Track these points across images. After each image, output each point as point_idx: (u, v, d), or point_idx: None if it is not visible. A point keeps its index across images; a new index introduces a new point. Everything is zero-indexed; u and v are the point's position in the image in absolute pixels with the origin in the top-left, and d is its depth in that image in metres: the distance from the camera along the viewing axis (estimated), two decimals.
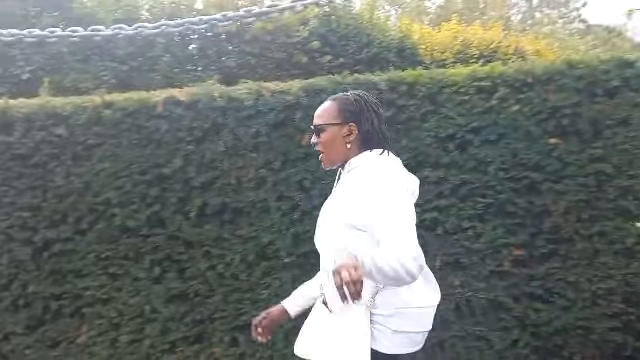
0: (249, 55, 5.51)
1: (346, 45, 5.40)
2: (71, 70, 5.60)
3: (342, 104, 1.59)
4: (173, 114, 2.88)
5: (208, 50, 5.70)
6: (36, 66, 5.39)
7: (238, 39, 5.63)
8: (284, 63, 5.40)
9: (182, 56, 5.72)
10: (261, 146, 2.85)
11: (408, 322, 1.49)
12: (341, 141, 1.56)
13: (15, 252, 2.86)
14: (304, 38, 5.34)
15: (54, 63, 5.48)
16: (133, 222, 2.88)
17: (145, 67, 5.60)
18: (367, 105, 1.58)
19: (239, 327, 2.90)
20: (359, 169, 1.54)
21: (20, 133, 2.85)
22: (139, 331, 2.88)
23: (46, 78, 5.18)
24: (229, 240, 2.89)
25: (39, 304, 2.87)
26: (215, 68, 5.71)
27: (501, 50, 5.72)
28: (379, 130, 1.57)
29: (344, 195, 1.54)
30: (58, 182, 2.86)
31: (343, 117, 1.57)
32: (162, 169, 2.88)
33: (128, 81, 5.97)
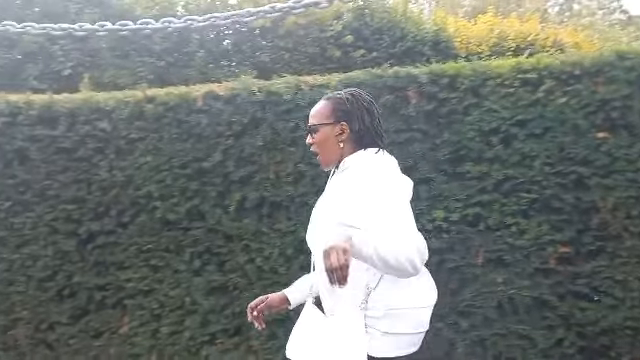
0: (283, 50, 5.53)
1: (380, 39, 5.36)
2: (110, 66, 5.71)
3: (334, 104, 1.60)
4: (213, 108, 2.90)
5: (242, 45, 5.74)
6: (76, 62, 5.51)
7: (272, 34, 5.64)
8: (317, 58, 5.40)
9: (217, 52, 5.78)
10: (300, 140, 2.84)
11: (399, 323, 1.47)
12: (334, 140, 1.56)
13: (60, 244, 2.92)
14: (337, 32, 5.32)
15: (93, 60, 5.60)
16: (174, 215, 2.92)
17: (181, 63, 5.68)
18: (359, 103, 1.58)
19: (277, 321, 2.89)
20: (353, 168, 1.54)
21: (65, 127, 2.91)
22: (179, 323, 2.92)
23: (86, 74, 5.31)
24: (267, 234, 2.89)
25: (83, 295, 2.94)
26: (249, 63, 5.75)
27: (539, 42, 5.59)
28: (371, 128, 1.56)
29: (338, 194, 1.54)
30: (102, 175, 2.91)
31: (335, 116, 1.57)
32: (202, 163, 2.90)
33: (165, 77, 6.06)
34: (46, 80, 5.40)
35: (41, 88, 5.33)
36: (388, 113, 2.78)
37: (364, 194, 1.44)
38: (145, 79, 5.89)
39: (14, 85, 5.35)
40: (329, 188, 1.61)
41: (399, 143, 2.78)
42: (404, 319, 1.47)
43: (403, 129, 2.78)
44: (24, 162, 2.90)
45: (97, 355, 2.92)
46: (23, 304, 2.91)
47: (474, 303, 2.71)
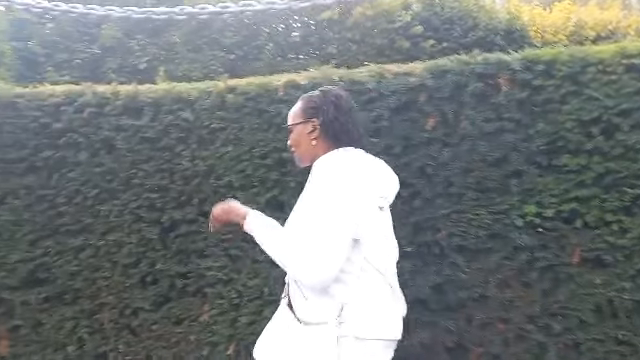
0: (350, 42, 5.47)
1: (450, 29, 5.18)
2: (183, 60, 5.83)
3: (306, 102, 1.63)
4: (293, 98, 2.84)
5: (310, 38, 5.72)
6: (152, 56, 5.66)
7: (339, 26, 5.59)
8: (385, 49, 5.29)
9: (285, 45, 5.79)
10: (382, 130, 2.76)
11: (370, 329, 1.46)
12: (307, 138, 1.59)
13: (144, 231, 2.98)
14: (406, 23, 5.19)
15: (168, 53, 5.74)
16: (253, 205, 2.87)
17: (250, 56, 5.72)
18: (326, 99, 1.58)
19: None
20: (317, 169, 1.55)
21: (149, 117, 2.96)
22: (258, 313, 2.91)
23: (161, 67, 5.44)
24: None
25: (166, 282, 2.99)
26: (317, 55, 5.73)
27: (620, 31, 5.24)
28: (337, 123, 1.55)
29: (304, 195, 1.57)
30: (184, 165, 2.94)
31: (305, 114, 1.60)
32: (282, 153, 2.87)
33: (235, 70, 6.14)
34: (124, 73, 5.59)
35: (119, 81, 5.54)
36: (476, 101, 2.66)
37: (315, 197, 1.48)
38: (216, 72, 6.00)
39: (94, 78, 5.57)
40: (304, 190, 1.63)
41: (487, 133, 2.65)
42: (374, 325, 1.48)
43: (492, 118, 2.64)
44: (110, 151, 2.98)
45: (178, 341, 2.96)
46: (108, 289, 2.99)
47: (568, 305, 2.55)
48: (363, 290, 1.47)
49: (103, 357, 3.02)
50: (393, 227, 1.69)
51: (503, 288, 2.69)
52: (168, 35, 5.77)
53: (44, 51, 5.44)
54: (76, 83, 3.25)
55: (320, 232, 1.41)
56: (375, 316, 1.48)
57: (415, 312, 2.77)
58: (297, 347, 1.48)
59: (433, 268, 2.76)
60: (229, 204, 1.71)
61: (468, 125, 2.66)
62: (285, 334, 1.55)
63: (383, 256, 1.54)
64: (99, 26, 5.56)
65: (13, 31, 5.48)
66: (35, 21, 5.52)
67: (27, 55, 5.43)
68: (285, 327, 1.57)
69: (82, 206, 2.97)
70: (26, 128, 2.95)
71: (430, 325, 2.79)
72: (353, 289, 1.45)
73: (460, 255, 2.71)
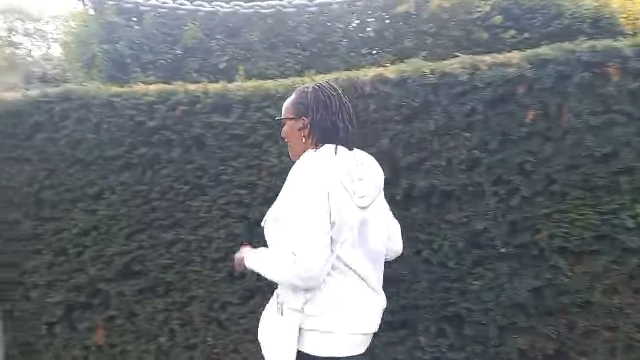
0: (426, 35, 5.32)
1: (532, 18, 4.90)
2: (259, 58, 5.91)
3: (297, 97, 1.64)
4: (381, 92, 2.79)
5: (385, 32, 5.62)
6: (230, 56, 5.78)
7: (415, 19, 5.45)
8: (463, 41, 5.10)
9: (359, 40, 5.72)
10: (476, 124, 2.63)
11: (338, 323, 1.51)
12: (298, 134, 1.62)
13: (231, 227, 3.02)
14: (485, 13, 4.97)
15: (245, 53, 5.84)
16: None
17: (325, 52, 5.70)
18: (317, 97, 1.58)
19: (447, 318, 2.74)
20: (295, 165, 1.60)
21: (237, 114, 2.98)
22: None
23: (240, 66, 5.53)
24: (437, 225, 2.73)
25: (252, 277, 3.01)
26: (391, 50, 5.62)
27: None
28: (323, 122, 1.56)
29: (280, 192, 1.62)
30: (271, 161, 2.95)
31: (296, 111, 1.62)
32: (369, 149, 2.79)
33: (309, 67, 6.14)
34: (204, 73, 5.74)
35: (200, 80, 5.69)
36: (582, 93, 2.47)
37: (287, 194, 1.54)
38: (291, 70, 6.04)
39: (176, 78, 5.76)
40: None
41: (594, 127, 2.46)
42: (342, 319, 1.52)
43: (600, 111, 2.45)
44: (201, 148, 3.03)
45: None
46: (198, 283, 3.06)
47: None
48: (332, 286, 1.51)
49: (193, 349, 3.09)
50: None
51: (610, 294, 2.49)
52: (246, 34, 5.86)
53: (131, 52, 5.68)
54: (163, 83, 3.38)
55: (298, 233, 1.45)
56: (340, 310, 1.52)
57: (511, 316, 2.64)
58: (271, 331, 1.62)
59: (531, 271, 2.61)
60: (236, 256, 1.82)
61: (572, 118, 2.48)
62: (268, 318, 1.70)
63: (359, 254, 1.55)
64: (181, 27, 5.73)
65: (103, 34, 5.75)
66: (123, 24, 5.77)
67: (116, 57, 5.69)
68: (269, 313, 1.71)
69: (174, 201, 3.05)
70: (122, 126, 3.07)
71: (528, 330, 2.64)
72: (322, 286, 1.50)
73: (562, 258, 2.54)
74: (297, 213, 1.45)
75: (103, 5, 5.79)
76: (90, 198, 3.13)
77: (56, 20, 9.25)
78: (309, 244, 1.42)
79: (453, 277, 2.72)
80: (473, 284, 2.67)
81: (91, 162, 3.11)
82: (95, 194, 3.12)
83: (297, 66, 6.11)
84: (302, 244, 1.42)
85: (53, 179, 3.17)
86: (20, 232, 3.24)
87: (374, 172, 1.65)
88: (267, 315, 1.72)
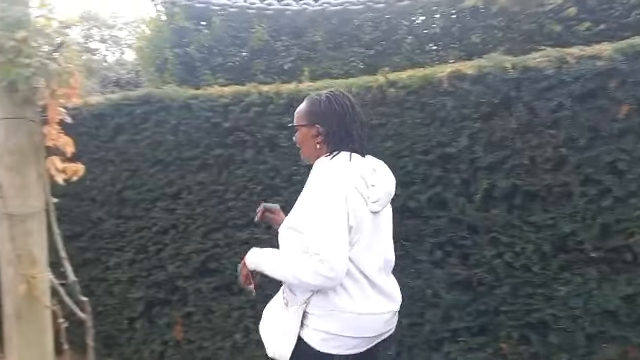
0: (495, 29, 5.14)
1: (609, 8, 4.62)
2: (324, 58, 5.93)
3: (310, 105, 1.65)
4: (459, 89, 2.70)
5: (451, 28, 5.48)
6: (295, 56, 5.83)
7: (484, 13, 5.28)
8: (534, 34, 4.89)
9: (424, 37, 5.61)
10: (562, 121, 2.49)
11: (340, 325, 1.52)
12: (311, 141, 1.64)
13: None
14: (558, 5, 4.73)
15: (309, 53, 5.87)
16: (414, 203, 2.80)
17: (389, 50, 5.64)
18: (331, 106, 1.60)
19: (530, 324, 2.61)
20: (313, 174, 1.60)
21: None
22: (419, 315, 2.81)
23: (305, 67, 5.56)
24: (519, 227, 2.61)
25: None
26: (458, 46, 5.47)
27: None
28: (338, 132, 1.58)
29: (301, 195, 1.62)
30: None
31: (309, 119, 1.63)
32: (446, 148, 2.73)
33: (374, 65, 6.09)
34: (270, 74, 5.82)
35: (266, 82, 5.78)
36: None
37: (305, 201, 1.55)
38: (355, 68, 6.01)
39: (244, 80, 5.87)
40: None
41: None
42: (345, 322, 1.52)
43: None
44: (274, 149, 3.06)
45: None
46: (271, 281, 3.08)
47: None
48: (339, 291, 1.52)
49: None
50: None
51: None
52: (311, 35, 5.89)
53: (201, 56, 5.84)
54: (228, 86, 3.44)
55: (322, 234, 1.44)
56: (346, 314, 1.53)
57: (601, 324, 2.48)
58: (274, 322, 1.66)
59: (624, 276, 2.44)
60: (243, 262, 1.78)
61: None
62: (273, 312, 1.71)
63: (369, 257, 1.57)
64: (248, 30, 5.84)
65: (175, 39, 5.95)
66: (193, 28, 5.95)
67: (186, 60, 5.87)
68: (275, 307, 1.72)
69: (248, 201, 3.09)
70: (199, 128, 3.15)
71: (619, 340, 2.47)
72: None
73: None
74: (319, 216, 1.46)
75: (173, 10, 5.98)
76: (169, 197, 3.23)
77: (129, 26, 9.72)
78: (334, 244, 1.43)
79: (537, 282, 2.59)
80: (559, 290, 2.53)
81: (170, 163, 3.21)
82: (174, 194, 3.22)
83: (361, 65, 6.09)
84: (327, 244, 1.42)
85: (135, 179, 3.30)
86: (103, 230, 3.40)
87: (386, 179, 1.67)
88: (271, 310, 1.75)
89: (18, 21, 1.87)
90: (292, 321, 1.57)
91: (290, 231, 1.59)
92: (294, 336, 1.56)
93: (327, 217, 1.45)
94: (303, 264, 1.45)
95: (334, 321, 1.53)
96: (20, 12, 1.90)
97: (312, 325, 1.55)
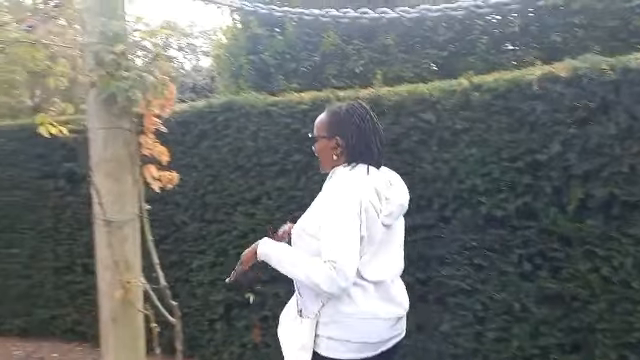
0: (576, 27, 4.88)
1: None
2: (395, 61, 5.85)
3: (330, 117, 1.68)
4: (551, 93, 2.55)
5: (530, 27, 5.25)
6: (367, 60, 5.79)
7: (564, 11, 5.02)
8: (619, 32, 4.60)
9: (501, 36, 5.41)
10: None
11: (343, 330, 1.56)
12: (329, 152, 1.66)
13: None
14: None
15: (380, 56, 5.81)
16: (501, 212, 2.68)
17: (464, 51, 5.48)
18: (351, 119, 1.62)
19: (630, 344, 2.43)
20: (328, 181, 1.64)
21: (390, 120, 2.94)
22: (506, 329, 2.69)
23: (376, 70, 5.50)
24: (618, 239, 2.43)
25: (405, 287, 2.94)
26: (536, 45, 5.24)
27: None
28: (358, 144, 1.61)
29: (315, 202, 1.65)
30: (425, 168, 2.85)
31: (329, 130, 1.66)
32: (536, 155, 2.59)
33: (447, 67, 5.95)
34: (342, 78, 5.82)
35: (338, 86, 5.77)
36: None
37: (320, 208, 1.56)
38: (428, 70, 5.89)
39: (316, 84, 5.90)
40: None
41: None
42: (350, 327, 1.56)
43: None
44: None
45: (420, 349, 2.89)
46: None
47: None
48: (343, 297, 1.55)
49: None
50: None
51: None
52: (382, 38, 5.84)
53: (275, 62, 5.93)
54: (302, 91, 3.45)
55: (337, 243, 1.47)
56: (355, 321, 1.56)
57: None
58: (290, 334, 1.67)
59: None
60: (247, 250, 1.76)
61: None
62: (287, 320, 1.74)
63: (375, 265, 1.59)
64: (320, 35, 5.87)
65: (250, 46, 6.08)
66: (267, 35, 6.06)
67: (261, 66, 5.99)
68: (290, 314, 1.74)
69: None
70: (278, 134, 3.18)
71: None
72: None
73: None
74: (337, 225, 1.49)
75: (249, 18, 6.11)
76: (249, 202, 3.29)
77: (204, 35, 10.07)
78: (350, 255, 1.47)
79: (638, 298, 2.40)
80: None
81: (250, 168, 3.27)
82: (253, 198, 3.27)
83: (434, 66, 5.96)
84: (344, 254, 1.46)
85: (216, 184, 3.38)
86: (187, 233, 3.51)
87: (400, 192, 1.69)
88: (287, 316, 1.77)
89: (116, 35, 1.95)
90: (307, 334, 1.60)
91: (303, 233, 1.61)
92: (310, 349, 1.60)
93: (344, 227, 1.48)
94: (319, 268, 1.47)
95: (338, 326, 1.57)
96: (118, 26, 1.97)
97: (319, 332, 1.59)
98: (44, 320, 3.91)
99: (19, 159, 3.85)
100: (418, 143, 2.89)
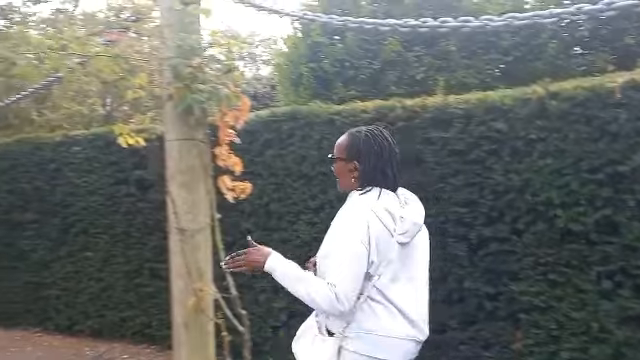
0: None
1: None
2: (458, 67, 5.72)
3: (350, 141, 1.70)
4: (634, 101, 2.41)
5: (601, 31, 5.01)
6: (428, 66, 5.70)
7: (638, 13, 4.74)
8: None
9: (570, 41, 5.18)
10: None
11: (368, 346, 1.59)
12: (347, 175, 1.69)
13: (450, 247, 2.90)
14: None
15: (442, 62, 5.71)
16: (578, 226, 2.55)
17: (530, 56, 5.29)
18: (370, 145, 1.66)
19: None
20: (346, 206, 1.68)
21: (458, 129, 2.86)
22: (583, 350, 2.54)
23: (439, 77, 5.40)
24: None
25: (473, 301, 2.85)
26: (608, 49, 4.99)
27: None
28: (375, 170, 1.65)
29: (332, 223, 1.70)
30: (496, 179, 2.76)
31: (348, 154, 1.69)
32: (618, 167, 2.45)
33: (512, 72, 5.75)
34: (402, 85, 5.74)
35: (398, 93, 5.71)
36: None
37: (333, 233, 1.64)
38: (491, 77, 5.72)
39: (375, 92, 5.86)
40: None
41: None
42: (372, 343, 1.59)
43: None
44: (419, 164, 2.98)
45: None
46: None
47: None
48: (368, 314, 1.59)
49: None
50: None
51: None
52: (444, 44, 5.73)
53: (334, 69, 5.94)
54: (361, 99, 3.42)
55: (340, 272, 1.53)
56: (377, 337, 1.59)
57: None
58: (313, 350, 1.68)
59: None
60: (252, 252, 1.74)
61: None
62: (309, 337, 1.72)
63: (397, 286, 1.62)
64: (381, 42, 5.83)
65: (310, 54, 6.12)
66: (327, 43, 6.08)
67: (320, 74, 6.01)
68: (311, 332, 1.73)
69: None
70: None
71: None
72: (359, 312, 1.59)
73: None
74: (341, 251, 1.55)
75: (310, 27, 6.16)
76: (312, 211, 3.29)
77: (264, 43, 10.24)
78: (350, 283, 1.53)
79: None
80: None
81: (313, 177, 3.27)
82: (316, 207, 3.27)
83: (497, 72, 5.79)
84: (344, 282, 1.52)
85: (280, 192, 3.41)
86: None
87: (415, 211, 1.70)
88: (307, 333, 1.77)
89: (193, 49, 1.99)
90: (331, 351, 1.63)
91: (324, 260, 1.66)
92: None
93: (347, 254, 1.54)
94: (321, 287, 1.53)
95: (362, 342, 1.60)
96: (195, 41, 2.02)
97: (345, 346, 1.62)
98: (115, 322, 4.07)
99: (94, 166, 4.03)
100: (488, 153, 2.80)
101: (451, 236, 2.91)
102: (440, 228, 2.93)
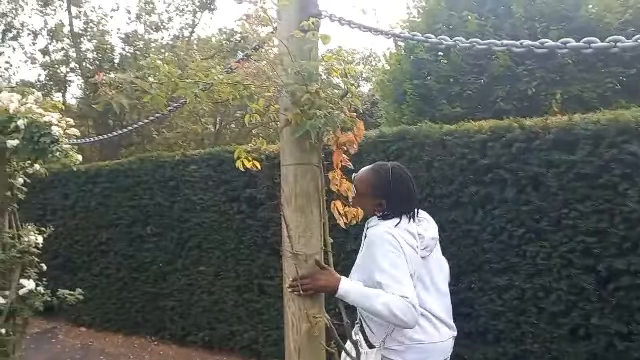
0: None
1: None
2: (574, 80, 5.35)
3: (376, 180, 1.85)
4: None
5: None
6: (540, 80, 5.38)
7: None
8: None
9: None
10: None
11: (417, 355, 1.72)
12: (371, 208, 1.85)
13: (576, 279, 2.67)
14: None
15: (556, 76, 5.36)
16: None
17: None
18: (398, 187, 1.80)
19: None
20: (371, 230, 1.81)
21: (586, 151, 2.64)
22: None
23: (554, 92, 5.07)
24: None
25: (602, 340, 2.60)
26: None
27: None
28: (405, 205, 1.80)
29: (363, 254, 1.85)
30: (629, 206, 2.51)
31: (374, 192, 1.84)
32: None
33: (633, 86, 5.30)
34: (511, 101, 5.47)
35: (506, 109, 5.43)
36: None
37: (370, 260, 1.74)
38: (611, 90, 5.27)
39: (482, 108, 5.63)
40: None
41: None
42: (419, 352, 1.72)
43: None
44: (538, 188, 2.79)
45: None
46: (534, 337, 2.79)
47: None
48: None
49: None
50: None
51: None
52: (559, 56, 5.38)
53: (438, 86, 5.80)
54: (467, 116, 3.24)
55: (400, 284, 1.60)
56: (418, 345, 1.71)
57: None
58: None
59: None
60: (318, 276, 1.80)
61: None
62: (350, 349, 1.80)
63: (429, 295, 1.75)
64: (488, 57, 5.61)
65: (414, 71, 6.04)
66: (432, 59, 5.96)
67: (424, 91, 5.90)
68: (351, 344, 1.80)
69: (507, 245, 2.87)
70: (453, 165, 3.05)
71: None
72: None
73: None
74: (391, 269, 1.63)
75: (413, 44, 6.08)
76: None
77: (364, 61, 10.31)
78: (414, 294, 1.60)
79: None
80: None
81: (422, 199, 3.18)
82: None
83: (618, 86, 5.36)
84: (411, 294, 1.59)
85: None
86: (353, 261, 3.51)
87: (430, 227, 1.85)
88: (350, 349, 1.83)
89: (310, 75, 2.00)
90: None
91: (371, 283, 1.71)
92: None
93: (399, 268, 1.63)
94: (398, 301, 1.59)
95: (412, 352, 1.72)
96: (312, 66, 2.03)
97: (386, 355, 1.74)
98: (225, 335, 4.22)
99: (208, 184, 4.24)
100: (621, 178, 2.55)
101: (577, 267, 2.68)
102: (565, 257, 2.72)
